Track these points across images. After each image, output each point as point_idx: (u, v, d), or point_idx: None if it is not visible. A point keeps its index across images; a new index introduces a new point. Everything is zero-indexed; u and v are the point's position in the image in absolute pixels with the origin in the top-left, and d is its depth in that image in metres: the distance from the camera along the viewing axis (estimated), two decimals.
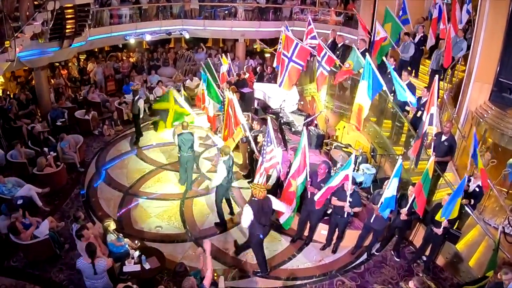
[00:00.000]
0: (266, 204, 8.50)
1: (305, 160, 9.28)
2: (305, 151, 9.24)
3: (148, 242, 10.09)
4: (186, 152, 11.80)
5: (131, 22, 20.40)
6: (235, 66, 20.40)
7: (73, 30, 15.15)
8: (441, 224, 8.49)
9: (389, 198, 8.72)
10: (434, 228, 8.72)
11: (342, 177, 8.84)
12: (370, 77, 10.46)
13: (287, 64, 13.58)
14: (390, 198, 8.73)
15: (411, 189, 8.94)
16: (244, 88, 15.43)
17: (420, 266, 9.72)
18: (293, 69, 13.62)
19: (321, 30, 16.82)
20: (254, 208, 8.30)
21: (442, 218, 8.38)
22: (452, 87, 13.10)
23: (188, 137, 11.72)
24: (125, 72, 21.60)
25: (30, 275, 9.12)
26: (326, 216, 10.13)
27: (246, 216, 8.32)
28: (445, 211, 8.24)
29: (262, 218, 8.48)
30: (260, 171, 9.87)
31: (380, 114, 12.67)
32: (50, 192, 11.83)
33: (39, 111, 16.57)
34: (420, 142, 9.86)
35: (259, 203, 8.39)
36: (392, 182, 8.63)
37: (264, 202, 8.46)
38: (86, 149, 14.65)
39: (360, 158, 11.50)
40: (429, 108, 9.64)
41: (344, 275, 9.45)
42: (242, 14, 22.31)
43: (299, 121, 13.92)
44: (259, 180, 9.85)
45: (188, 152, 11.82)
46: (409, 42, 13.56)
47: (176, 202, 11.91)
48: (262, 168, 9.82)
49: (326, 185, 8.99)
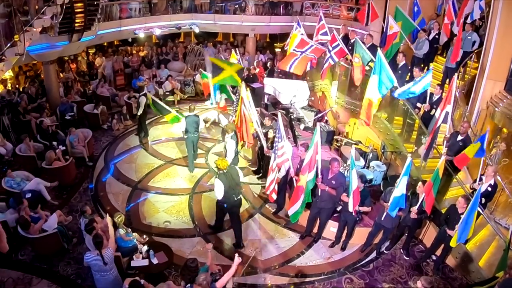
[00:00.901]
0: (233, 173, 9.36)
1: (315, 157, 9.17)
2: (317, 148, 9.13)
3: (156, 237, 10.08)
4: (192, 133, 12.47)
5: (140, 16, 20.34)
6: (245, 61, 20.35)
7: (83, 24, 15.07)
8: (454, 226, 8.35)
9: (398, 197, 8.64)
10: (448, 230, 8.61)
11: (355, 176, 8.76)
12: (381, 72, 10.34)
13: (299, 56, 13.39)
14: (399, 197, 8.64)
15: (420, 185, 8.87)
16: (254, 83, 15.36)
17: (429, 265, 9.62)
18: (305, 57, 13.47)
19: (332, 25, 16.66)
20: (223, 180, 9.01)
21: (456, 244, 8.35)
22: (464, 84, 12.95)
23: (194, 119, 12.47)
24: (134, 66, 21.54)
25: (38, 268, 9.12)
26: (336, 214, 10.08)
27: (218, 189, 9.04)
28: (460, 234, 8.11)
29: (232, 187, 9.19)
30: (273, 167, 9.83)
31: (391, 110, 12.53)
32: (58, 186, 11.85)
33: (48, 105, 16.55)
34: (431, 139, 9.74)
35: (227, 175, 9.12)
36: (401, 181, 8.53)
37: (231, 172, 9.31)
38: (95, 143, 14.66)
39: (371, 155, 11.40)
40: (444, 105, 9.52)
41: (353, 273, 9.38)
42: (252, 9, 22.14)
43: (309, 117, 13.85)
44: (272, 176, 9.85)
45: (194, 133, 12.50)
46: (424, 39, 13.37)
47: (184, 197, 11.90)
48: (274, 164, 9.78)
49: (349, 191, 8.92)
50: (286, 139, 10.02)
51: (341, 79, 14.08)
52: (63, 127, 14.68)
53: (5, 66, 9.30)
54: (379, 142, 12.57)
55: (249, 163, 13.50)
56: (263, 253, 9.81)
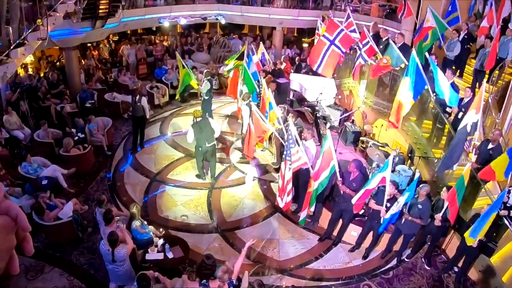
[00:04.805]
0: (205, 124, 11.28)
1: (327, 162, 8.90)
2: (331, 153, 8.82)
3: (172, 231, 9.91)
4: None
5: (166, 5, 20.28)
6: (271, 55, 20.04)
7: (107, 11, 15.05)
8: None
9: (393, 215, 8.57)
10: None
11: (379, 180, 8.44)
12: (414, 74, 9.97)
13: (328, 47, 12.84)
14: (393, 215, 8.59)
15: (444, 191, 8.61)
16: (280, 78, 15.12)
17: (451, 277, 9.28)
18: (334, 53, 12.93)
19: (362, 22, 16.32)
20: (195, 128, 11.09)
21: (469, 239, 7.97)
22: (497, 90, 12.47)
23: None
24: (158, 55, 21.43)
25: (51, 256, 9.06)
26: (358, 217, 9.81)
27: (190, 134, 11.14)
28: (474, 229, 7.81)
29: (203, 134, 11.20)
30: (287, 178, 9.53)
31: (420, 113, 12.14)
32: (75, 174, 11.74)
33: (68, 92, 16.49)
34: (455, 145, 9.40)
35: (199, 124, 11.17)
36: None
37: (203, 123, 11.27)
38: (114, 132, 14.54)
39: (397, 159, 11.05)
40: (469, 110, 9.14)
41: (372, 280, 9.10)
42: (281, 1, 21.81)
43: (335, 116, 13.51)
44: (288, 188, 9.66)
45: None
46: (455, 40, 12.95)
47: (203, 191, 11.72)
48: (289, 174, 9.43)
49: (363, 188, 8.65)
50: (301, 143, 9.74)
51: (369, 78, 13.71)
52: (83, 114, 14.53)
53: (26, 50, 9.17)
54: (406, 145, 12.19)
55: (272, 161, 13.24)
56: (280, 254, 9.60)
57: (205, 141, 11.31)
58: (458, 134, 9.37)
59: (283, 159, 9.63)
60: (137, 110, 13.00)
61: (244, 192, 11.84)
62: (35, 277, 8.46)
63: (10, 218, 4.91)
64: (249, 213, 10.94)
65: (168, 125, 15.72)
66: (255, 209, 11.07)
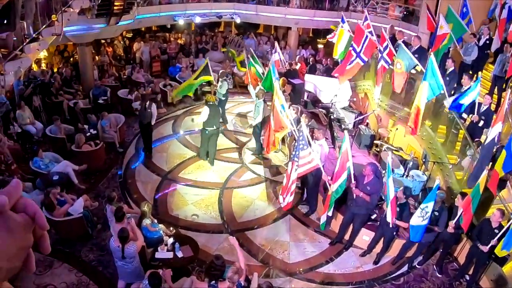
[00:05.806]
0: (216, 110, 12.32)
1: (344, 165, 8.81)
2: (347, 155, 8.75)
3: (182, 230, 9.87)
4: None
5: (181, 3, 20.22)
6: (286, 55, 19.92)
7: (121, 8, 15.05)
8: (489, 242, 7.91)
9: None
10: (480, 245, 8.16)
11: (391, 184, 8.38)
12: (432, 78, 9.82)
13: (354, 59, 12.97)
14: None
15: (458, 198, 8.46)
16: (295, 79, 15.03)
17: (462, 285, 9.13)
18: (357, 65, 13.07)
19: (378, 24, 16.14)
20: (211, 108, 11.95)
21: (502, 252, 7.81)
22: None
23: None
24: (172, 53, 21.37)
25: (60, 251, 9.02)
26: (370, 222, 9.68)
27: (204, 113, 11.91)
28: (506, 242, 7.63)
29: (213, 117, 12.05)
30: (292, 178, 9.44)
31: (436, 118, 11.95)
32: (87, 171, 11.73)
33: (81, 88, 16.53)
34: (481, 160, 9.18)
35: (213, 106, 12.18)
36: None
37: (215, 108, 12.28)
38: (126, 129, 14.49)
39: (411, 164, 10.91)
40: (495, 122, 8.96)
41: (382, 285, 8.99)
42: (297, 1, 21.64)
43: (349, 118, 13.41)
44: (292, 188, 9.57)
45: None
46: (473, 44, 12.70)
47: (215, 191, 11.64)
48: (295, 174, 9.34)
49: (387, 202, 8.53)
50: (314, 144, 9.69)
51: (385, 81, 13.55)
52: (95, 111, 14.51)
53: (40, 45, 9.16)
54: (420, 150, 12.02)
55: (284, 162, 13.14)
56: (290, 256, 9.50)
57: (213, 124, 12.10)
58: (486, 147, 9.20)
59: (291, 159, 9.57)
60: (145, 116, 12.57)
61: (256, 193, 11.75)
62: (43, 272, 8.43)
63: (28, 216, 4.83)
64: (261, 215, 10.86)
65: (180, 123, 15.66)
66: (266, 210, 10.98)
